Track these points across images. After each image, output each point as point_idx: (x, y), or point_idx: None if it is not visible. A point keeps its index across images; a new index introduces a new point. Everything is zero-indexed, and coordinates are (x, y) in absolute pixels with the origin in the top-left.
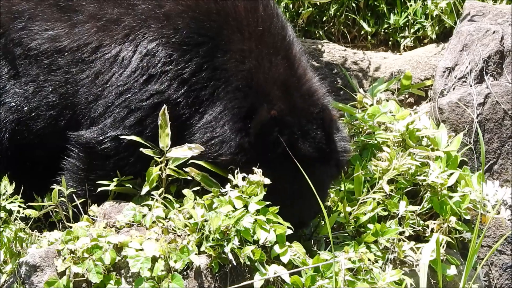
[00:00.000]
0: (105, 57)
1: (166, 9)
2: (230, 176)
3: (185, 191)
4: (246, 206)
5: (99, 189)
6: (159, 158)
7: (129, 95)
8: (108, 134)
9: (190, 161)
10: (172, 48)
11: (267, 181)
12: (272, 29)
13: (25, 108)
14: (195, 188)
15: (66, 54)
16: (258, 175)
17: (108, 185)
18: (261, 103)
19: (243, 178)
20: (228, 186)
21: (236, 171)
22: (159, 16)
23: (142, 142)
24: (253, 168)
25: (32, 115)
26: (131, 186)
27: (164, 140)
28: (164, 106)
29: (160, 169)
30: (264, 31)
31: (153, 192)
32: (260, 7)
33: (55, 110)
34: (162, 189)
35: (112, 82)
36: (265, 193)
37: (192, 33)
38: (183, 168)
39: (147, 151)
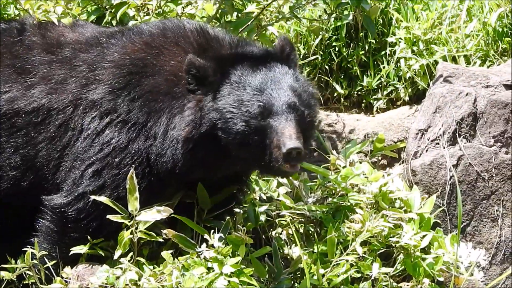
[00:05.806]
0: (57, 123)
1: (107, 65)
2: (206, 236)
3: (164, 254)
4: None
5: (71, 252)
6: (129, 222)
7: (83, 155)
8: (74, 195)
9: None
10: (110, 99)
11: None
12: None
13: None
14: (169, 251)
15: (23, 116)
16: (241, 234)
17: (81, 249)
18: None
19: (219, 239)
20: (204, 246)
21: (212, 231)
22: (97, 76)
23: (109, 204)
24: None
25: None
26: (102, 253)
27: (133, 204)
28: (132, 170)
29: (131, 233)
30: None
31: (123, 259)
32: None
33: (18, 171)
34: (132, 253)
35: (66, 146)
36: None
37: (122, 76)
38: (157, 229)
39: (115, 217)
